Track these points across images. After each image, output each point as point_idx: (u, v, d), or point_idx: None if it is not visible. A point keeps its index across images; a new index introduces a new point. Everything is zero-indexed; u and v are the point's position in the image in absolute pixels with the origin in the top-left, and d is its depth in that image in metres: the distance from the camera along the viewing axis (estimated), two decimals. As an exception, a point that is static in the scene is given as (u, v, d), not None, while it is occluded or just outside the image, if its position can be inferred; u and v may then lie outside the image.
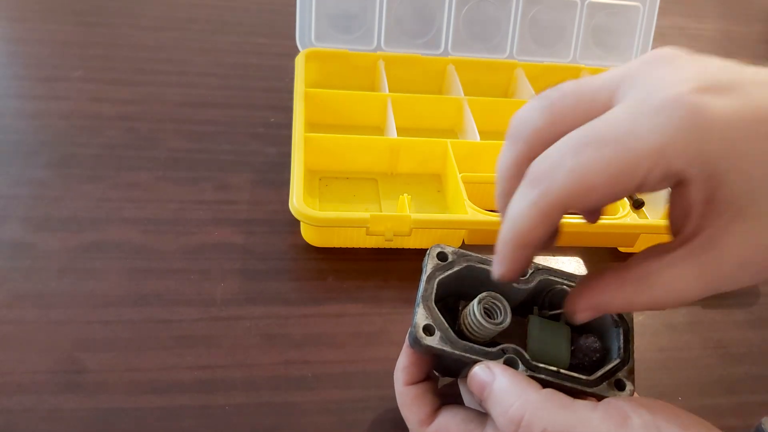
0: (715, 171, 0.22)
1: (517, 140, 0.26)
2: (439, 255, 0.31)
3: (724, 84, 0.23)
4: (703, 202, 0.23)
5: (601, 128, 0.23)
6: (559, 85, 0.26)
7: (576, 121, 0.24)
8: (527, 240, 0.24)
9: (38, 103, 0.56)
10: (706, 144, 0.22)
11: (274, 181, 0.51)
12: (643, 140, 0.22)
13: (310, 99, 0.54)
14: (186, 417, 0.36)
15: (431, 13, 0.60)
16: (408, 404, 0.31)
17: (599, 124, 0.23)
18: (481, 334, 0.29)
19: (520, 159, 0.25)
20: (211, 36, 0.68)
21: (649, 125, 0.22)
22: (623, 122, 0.23)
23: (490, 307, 0.29)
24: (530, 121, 0.25)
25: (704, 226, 0.23)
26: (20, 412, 0.35)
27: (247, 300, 0.42)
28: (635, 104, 0.23)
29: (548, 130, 0.25)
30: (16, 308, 0.40)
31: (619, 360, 0.29)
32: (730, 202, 0.22)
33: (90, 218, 0.46)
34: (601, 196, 0.23)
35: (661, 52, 0.25)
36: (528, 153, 0.25)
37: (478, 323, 0.28)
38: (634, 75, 0.24)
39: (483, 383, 0.27)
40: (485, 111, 0.56)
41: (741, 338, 0.45)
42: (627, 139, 0.22)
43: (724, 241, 0.23)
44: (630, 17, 0.63)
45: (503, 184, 0.26)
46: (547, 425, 0.25)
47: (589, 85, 0.25)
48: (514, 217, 0.24)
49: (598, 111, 0.24)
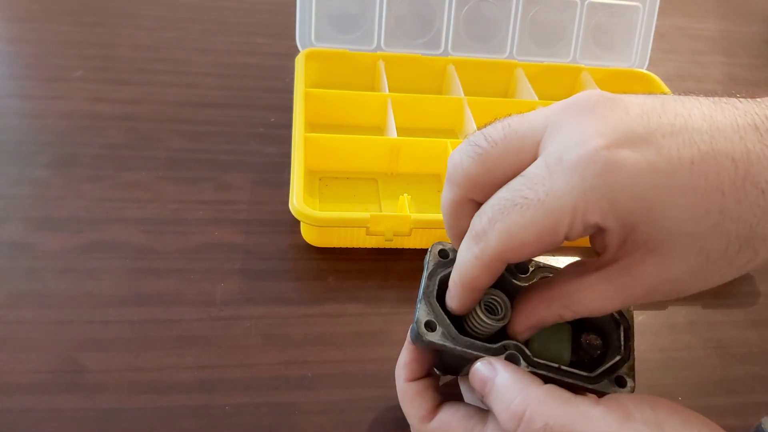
0: (627, 221, 0.24)
1: (454, 184, 0.28)
2: (440, 252, 0.31)
3: (638, 136, 0.24)
4: (619, 243, 0.25)
5: (523, 190, 0.25)
6: (489, 129, 0.27)
7: (506, 170, 0.26)
8: (473, 285, 0.27)
9: (38, 103, 0.56)
10: (619, 199, 0.24)
11: (274, 181, 0.51)
12: (561, 200, 0.24)
13: (310, 99, 0.54)
14: (186, 417, 0.36)
15: (431, 13, 0.60)
16: (409, 400, 0.31)
17: (522, 184, 0.25)
18: (483, 331, 0.29)
19: (458, 200, 0.28)
20: (211, 36, 0.68)
21: (564, 185, 0.24)
22: (542, 182, 0.24)
23: (491, 303, 0.29)
24: (464, 168, 0.27)
25: (620, 257, 0.25)
26: (20, 412, 0.35)
27: (247, 300, 0.42)
28: (552, 162, 0.24)
29: (482, 176, 0.27)
30: (16, 308, 0.40)
31: (619, 357, 0.29)
32: (643, 243, 0.25)
33: (90, 218, 0.46)
34: (533, 250, 0.25)
35: (583, 99, 0.26)
36: (465, 195, 0.28)
37: (480, 319, 0.29)
38: (555, 124, 0.26)
39: (485, 379, 0.27)
40: (485, 111, 0.56)
41: (741, 338, 0.45)
42: (546, 200, 0.24)
43: (637, 272, 0.25)
44: (630, 17, 0.63)
45: (447, 221, 0.29)
46: (548, 420, 0.25)
47: (516, 133, 0.26)
48: (461, 266, 0.27)
49: (525, 160, 0.26)
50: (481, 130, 0.28)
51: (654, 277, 0.25)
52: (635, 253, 0.25)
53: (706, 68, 0.77)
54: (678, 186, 0.23)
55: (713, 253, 0.24)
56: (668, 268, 0.25)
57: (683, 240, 0.24)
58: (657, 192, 0.23)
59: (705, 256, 0.24)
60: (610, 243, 0.25)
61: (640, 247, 0.25)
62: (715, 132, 0.24)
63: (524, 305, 0.29)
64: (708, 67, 0.77)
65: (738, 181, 0.23)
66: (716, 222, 0.24)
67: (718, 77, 0.76)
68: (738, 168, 0.23)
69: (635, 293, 0.26)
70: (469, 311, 0.29)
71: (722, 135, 0.24)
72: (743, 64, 0.79)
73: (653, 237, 0.24)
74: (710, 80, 0.75)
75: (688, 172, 0.23)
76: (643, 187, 0.23)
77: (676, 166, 0.23)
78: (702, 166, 0.23)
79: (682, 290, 0.26)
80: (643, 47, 0.64)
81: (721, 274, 0.25)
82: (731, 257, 0.24)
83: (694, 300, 0.47)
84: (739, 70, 0.78)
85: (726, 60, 0.79)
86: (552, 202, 0.24)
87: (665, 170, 0.23)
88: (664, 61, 0.76)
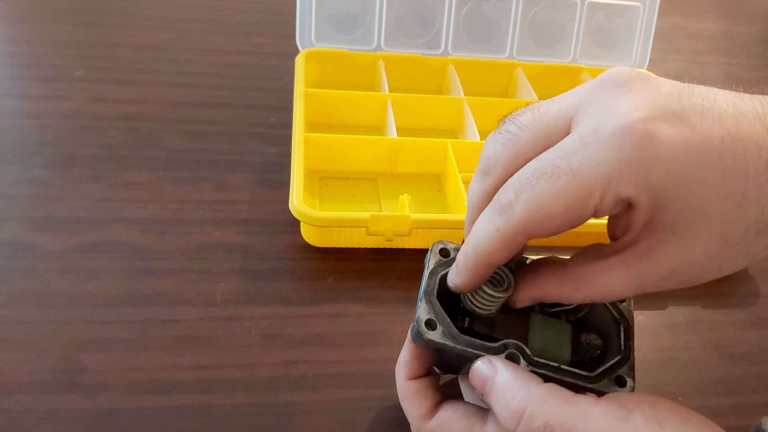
0: (659, 197, 0.24)
1: (486, 174, 0.27)
2: (441, 251, 0.31)
3: (673, 112, 0.24)
4: (644, 222, 0.25)
5: (555, 159, 0.24)
6: (518, 115, 0.27)
7: (537, 153, 0.25)
8: (489, 261, 0.27)
9: (38, 103, 0.56)
10: (654, 173, 0.23)
11: (274, 181, 0.51)
12: (594, 171, 0.23)
13: (310, 99, 0.54)
14: (186, 417, 0.36)
15: (431, 13, 0.60)
16: (409, 399, 0.31)
17: (554, 154, 0.24)
18: (488, 305, 0.29)
19: (489, 191, 0.27)
20: (211, 36, 0.68)
21: (599, 155, 0.23)
22: (576, 152, 0.24)
23: (495, 276, 0.29)
24: (496, 156, 0.27)
25: (640, 240, 0.25)
26: (20, 412, 0.35)
27: (247, 300, 0.42)
28: (587, 133, 0.24)
29: (513, 161, 0.26)
30: (16, 308, 0.40)
31: (619, 357, 0.29)
32: (669, 223, 0.24)
33: (90, 218, 0.46)
34: (560, 223, 0.25)
35: (615, 74, 0.26)
36: (496, 185, 0.27)
37: (485, 293, 0.28)
38: (588, 101, 0.25)
39: (485, 377, 0.27)
40: (485, 111, 0.56)
41: (741, 338, 0.45)
42: (579, 169, 0.24)
43: (657, 255, 0.25)
44: (630, 17, 0.63)
45: (473, 213, 0.28)
46: (548, 418, 0.25)
47: (546, 114, 0.26)
48: (479, 238, 0.26)
49: (556, 140, 0.25)
50: (510, 117, 0.27)
51: (674, 261, 0.25)
52: (658, 235, 0.25)
53: (706, 68, 0.77)
54: (709, 164, 0.23)
55: (733, 237, 0.24)
56: (689, 251, 0.24)
57: (707, 221, 0.24)
58: (690, 168, 0.23)
59: (725, 240, 0.24)
60: (635, 222, 0.25)
61: (665, 227, 0.24)
62: (739, 116, 0.24)
63: (534, 279, 0.28)
64: (708, 67, 0.77)
65: (761, 165, 0.23)
66: (739, 204, 0.24)
67: (718, 77, 0.76)
68: (761, 153, 0.23)
69: (653, 277, 0.25)
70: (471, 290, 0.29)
71: (746, 120, 0.24)
72: (743, 64, 0.79)
73: (680, 216, 0.24)
74: (710, 80, 0.75)
75: (719, 151, 0.23)
76: (678, 163, 0.23)
77: (708, 144, 0.23)
78: (731, 147, 0.23)
79: (699, 277, 0.25)
80: (643, 47, 0.64)
81: (737, 260, 0.25)
82: (749, 243, 0.24)
83: (694, 300, 0.47)
84: (739, 70, 0.78)
85: (726, 60, 0.79)
86: (585, 171, 0.23)
87: (699, 147, 0.23)
88: (664, 61, 0.76)
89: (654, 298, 0.47)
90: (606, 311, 0.31)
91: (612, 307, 0.31)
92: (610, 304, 0.31)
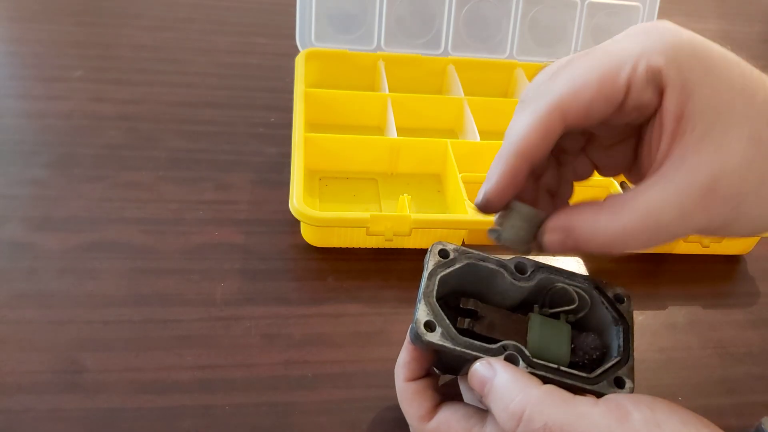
0: (687, 80, 0.25)
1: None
2: (440, 252, 0.31)
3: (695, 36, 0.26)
4: (675, 117, 0.25)
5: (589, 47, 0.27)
6: None
7: None
8: (524, 150, 0.26)
9: (38, 103, 0.56)
10: (682, 51, 0.25)
11: (274, 181, 0.51)
12: (627, 48, 0.26)
13: (310, 99, 0.54)
14: (186, 417, 0.36)
15: (431, 13, 0.60)
16: (408, 400, 0.31)
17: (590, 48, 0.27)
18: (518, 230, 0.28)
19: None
20: (211, 36, 0.68)
21: (631, 38, 0.26)
22: (609, 41, 0.27)
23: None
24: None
25: (674, 148, 0.25)
26: (20, 412, 0.35)
27: (247, 300, 0.42)
28: (622, 33, 0.27)
29: None
30: (16, 308, 0.40)
31: (619, 358, 0.29)
32: (700, 115, 0.25)
33: (90, 218, 0.46)
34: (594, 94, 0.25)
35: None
36: None
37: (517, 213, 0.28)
38: None
39: (484, 379, 0.27)
40: (485, 111, 0.56)
41: (741, 338, 0.45)
42: (611, 47, 0.26)
43: (694, 160, 0.25)
44: (630, 17, 0.63)
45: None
46: (547, 420, 0.25)
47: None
48: (512, 126, 0.27)
49: None
50: None
51: (710, 165, 0.24)
52: (689, 138, 0.25)
53: (706, 68, 0.77)
54: (732, 61, 0.25)
55: (762, 142, 0.25)
56: (724, 155, 0.24)
57: (735, 119, 0.25)
58: (713, 57, 0.25)
59: (756, 145, 0.25)
60: (666, 119, 0.25)
61: (696, 126, 0.24)
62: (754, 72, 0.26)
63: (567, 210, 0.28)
64: (708, 67, 0.77)
65: None
66: (763, 109, 0.25)
67: (718, 77, 0.76)
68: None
69: (694, 189, 0.24)
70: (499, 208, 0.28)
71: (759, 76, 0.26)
72: (743, 64, 0.79)
73: (710, 108, 0.24)
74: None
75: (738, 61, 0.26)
76: (702, 49, 0.25)
77: (731, 57, 0.26)
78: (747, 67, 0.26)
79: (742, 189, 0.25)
80: (643, 47, 0.64)
81: None
82: None
83: (694, 300, 0.47)
84: (740, 70, 0.77)
85: (726, 60, 0.79)
86: (617, 49, 0.26)
87: (720, 50, 0.26)
88: (664, 61, 0.76)
89: (654, 298, 0.47)
90: (605, 312, 0.31)
91: (611, 308, 0.31)
92: (609, 305, 0.31)
